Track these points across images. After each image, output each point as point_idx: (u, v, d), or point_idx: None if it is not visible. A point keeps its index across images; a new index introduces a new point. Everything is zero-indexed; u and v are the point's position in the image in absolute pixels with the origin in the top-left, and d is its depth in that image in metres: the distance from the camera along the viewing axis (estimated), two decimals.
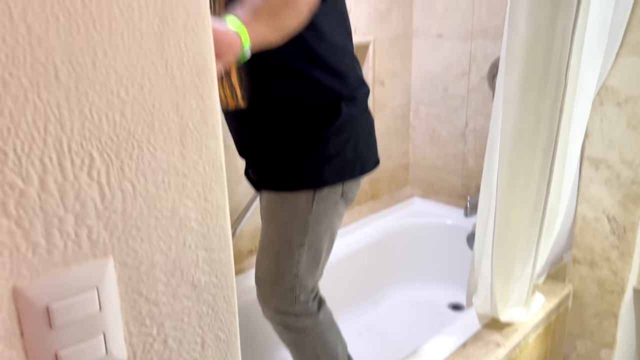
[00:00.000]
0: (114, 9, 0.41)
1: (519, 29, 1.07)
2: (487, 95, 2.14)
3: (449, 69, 2.26)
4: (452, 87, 2.27)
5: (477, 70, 2.16)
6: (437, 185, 2.44)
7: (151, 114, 0.45)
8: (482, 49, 2.12)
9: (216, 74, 1.09)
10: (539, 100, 1.12)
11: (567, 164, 1.31)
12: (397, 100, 2.42)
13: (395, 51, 2.34)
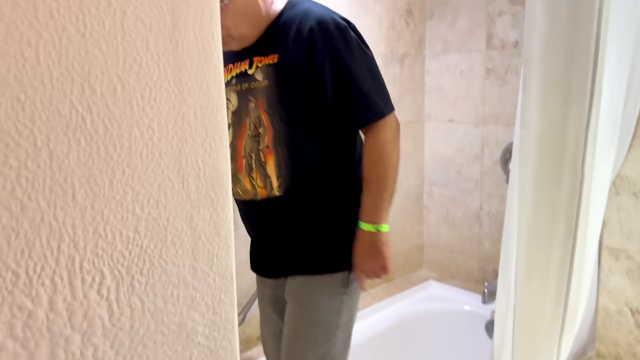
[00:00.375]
0: (134, 131, 0.42)
1: (531, 127, 1.08)
2: (500, 178, 2.15)
3: (461, 152, 2.28)
4: (465, 169, 2.28)
5: (490, 154, 2.17)
6: (453, 268, 2.39)
7: (165, 228, 0.45)
8: (493, 134, 2.15)
9: (244, 168, 1.15)
10: (555, 195, 1.11)
11: (587, 255, 1.28)
12: (411, 182, 2.43)
13: (408, 135, 2.38)
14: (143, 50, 0.43)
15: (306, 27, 1.09)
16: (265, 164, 1.15)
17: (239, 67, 1.17)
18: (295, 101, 1.12)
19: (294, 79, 1.11)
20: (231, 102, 1.17)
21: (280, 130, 1.13)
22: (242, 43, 1.15)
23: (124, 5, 0.41)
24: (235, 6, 1.09)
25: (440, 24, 2.30)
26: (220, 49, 0.48)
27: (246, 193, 1.20)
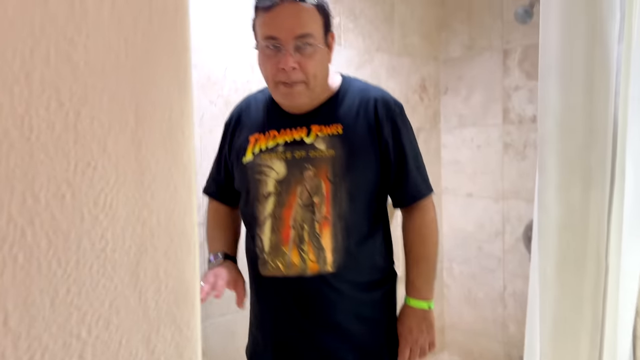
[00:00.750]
0: (83, 243, 0.37)
1: (550, 211, 1.02)
2: (524, 257, 2.04)
3: (481, 227, 2.20)
4: (486, 246, 2.18)
5: (512, 231, 2.08)
6: (477, 352, 2.24)
7: (116, 353, 0.39)
8: (515, 210, 2.07)
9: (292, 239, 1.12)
10: (579, 283, 1.03)
11: (618, 347, 1.16)
12: None
13: None
14: (99, 153, 0.39)
15: (370, 102, 1.13)
16: (320, 235, 1.10)
17: (290, 135, 1.12)
18: (362, 172, 1.12)
19: (362, 151, 1.11)
20: (274, 170, 1.11)
21: (342, 201, 1.10)
22: (309, 98, 1.10)
23: (79, 106, 0.38)
24: (320, 54, 1.07)
25: (455, 98, 2.29)
26: (193, 145, 0.44)
27: (291, 268, 1.10)
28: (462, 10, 2.26)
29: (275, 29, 1.01)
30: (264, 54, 1.06)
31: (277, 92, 1.08)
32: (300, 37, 1.02)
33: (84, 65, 0.38)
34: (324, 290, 1.11)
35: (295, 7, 1.02)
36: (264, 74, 1.09)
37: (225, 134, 1.24)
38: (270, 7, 1.01)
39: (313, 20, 1.04)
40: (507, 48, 2.09)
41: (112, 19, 0.39)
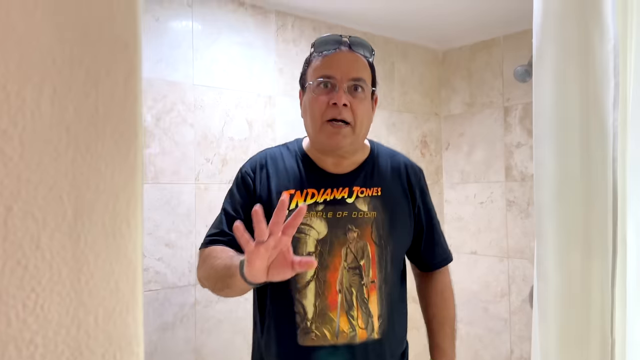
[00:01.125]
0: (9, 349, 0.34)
1: (549, 281, 0.97)
2: (531, 319, 1.96)
3: (487, 287, 2.13)
4: (492, 307, 2.11)
5: (518, 292, 2.01)
6: None
7: None
8: (520, 269, 2.00)
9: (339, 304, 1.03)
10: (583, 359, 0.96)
11: None
12: None
13: None
14: (31, 250, 0.36)
15: (401, 166, 1.18)
16: (368, 300, 1.07)
17: (331, 194, 1.09)
18: (402, 235, 1.14)
19: (400, 214, 1.14)
20: (314, 229, 1.06)
21: (387, 264, 1.10)
22: (352, 144, 1.09)
23: (10, 201, 0.36)
24: (368, 104, 1.10)
25: (457, 154, 2.27)
26: (140, 236, 0.41)
27: (341, 335, 1.05)
28: (462, 68, 2.27)
29: (332, 69, 1.06)
30: (315, 93, 1.07)
31: (322, 132, 1.06)
32: (354, 79, 1.06)
33: (18, 158, 0.36)
34: (371, 359, 1.08)
35: (353, 55, 1.08)
36: (312, 114, 1.07)
37: (244, 184, 1.12)
38: (329, 52, 1.07)
39: (366, 72, 1.09)
40: (508, 105, 2.09)
41: (53, 108, 0.37)
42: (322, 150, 1.11)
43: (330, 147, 1.08)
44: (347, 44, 1.08)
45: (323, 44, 1.09)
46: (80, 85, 0.38)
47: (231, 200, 1.11)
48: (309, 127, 1.09)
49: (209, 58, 1.68)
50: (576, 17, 0.97)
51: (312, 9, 1.86)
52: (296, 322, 1.04)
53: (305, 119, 1.11)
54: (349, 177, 1.12)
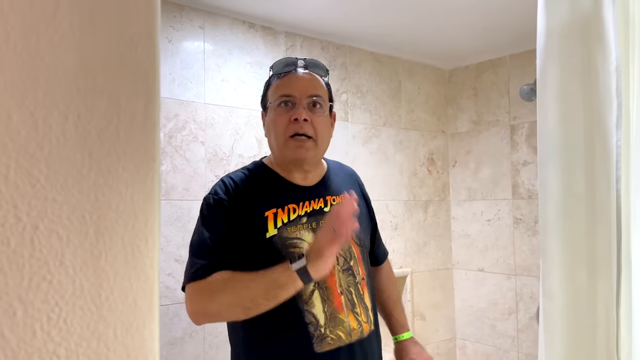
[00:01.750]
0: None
1: (554, 299, 0.98)
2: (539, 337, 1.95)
3: (494, 305, 2.12)
4: (499, 325, 2.10)
5: (526, 309, 2.00)
6: None
7: None
8: (528, 287, 2.00)
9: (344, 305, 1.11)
10: None
11: None
12: (442, 335, 2.25)
13: (435, 283, 2.25)
14: (56, 266, 0.38)
15: (351, 173, 1.31)
16: (363, 296, 1.15)
17: (309, 206, 1.15)
18: (368, 234, 1.25)
19: (364, 215, 1.23)
20: (305, 241, 1.11)
21: (366, 261, 1.20)
22: (315, 157, 1.15)
23: (37, 220, 0.38)
24: (327, 120, 1.16)
25: (464, 172, 2.28)
26: (157, 255, 0.44)
27: (353, 333, 1.10)
28: (469, 87, 2.30)
29: (290, 88, 1.12)
30: (276, 111, 1.12)
31: (287, 146, 1.11)
32: (312, 96, 1.12)
33: (44, 180, 0.38)
34: (373, 348, 1.16)
35: (309, 74, 1.15)
36: (275, 131, 1.12)
37: (221, 210, 1.10)
38: (286, 73, 1.14)
39: (322, 89, 1.16)
40: (514, 124, 2.10)
41: (77, 134, 0.39)
42: (288, 165, 1.15)
43: (296, 160, 1.12)
44: (303, 65, 1.16)
45: (281, 66, 1.16)
46: (102, 112, 0.40)
47: (208, 229, 1.07)
48: (274, 144, 1.14)
49: (220, 78, 1.72)
50: (579, 38, 0.99)
51: (320, 30, 1.90)
52: (309, 332, 1.06)
53: (270, 137, 1.16)
54: (319, 189, 1.17)
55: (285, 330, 1.07)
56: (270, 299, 0.99)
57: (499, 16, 1.82)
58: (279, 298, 0.99)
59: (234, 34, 1.75)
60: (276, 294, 0.98)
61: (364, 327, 1.12)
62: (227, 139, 1.71)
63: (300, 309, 1.06)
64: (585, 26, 1.01)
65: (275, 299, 0.99)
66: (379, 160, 2.10)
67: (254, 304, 1.01)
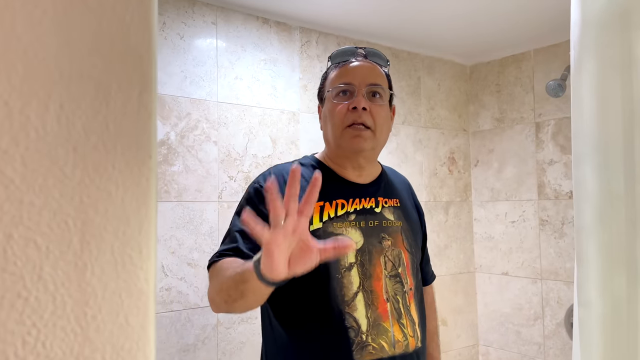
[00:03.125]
0: None
1: (592, 307, 0.91)
2: (566, 344, 1.86)
3: (519, 310, 2.04)
4: (525, 331, 2.01)
5: (552, 315, 1.92)
6: None
7: None
8: (554, 292, 1.91)
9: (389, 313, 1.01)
10: None
11: None
12: (464, 342, 2.17)
13: (457, 287, 2.17)
14: (33, 281, 0.33)
15: (405, 181, 1.25)
16: (409, 308, 1.06)
17: (360, 204, 1.08)
18: (419, 244, 1.18)
19: (416, 224, 1.18)
20: (352, 239, 0.99)
21: (417, 271, 1.13)
22: (373, 149, 1.08)
23: (10, 227, 0.33)
24: (387, 111, 1.10)
25: (487, 171, 2.20)
26: (153, 265, 0.38)
27: (397, 345, 1.01)
28: (491, 83, 2.22)
29: (350, 77, 1.07)
30: (335, 100, 1.07)
31: (344, 137, 1.05)
32: (372, 85, 1.07)
33: (20, 181, 0.33)
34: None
35: (370, 64, 1.10)
36: (332, 121, 1.06)
37: (262, 200, 1.01)
38: (346, 62, 1.10)
39: (382, 79, 1.10)
40: (540, 121, 2.02)
41: (59, 126, 0.34)
42: (343, 159, 1.08)
43: (353, 150, 1.06)
44: (362, 54, 1.11)
45: (340, 55, 1.12)
46: (89, 101, 0.35)
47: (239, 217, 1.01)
48: (330, 134, 1.08)
49: (233, 75, 1.67)
50: (618, 28, 0.92)
51: (336, 25, 1.84)
52: (350, 337, 0.97)
53: (326, 128, 1.10)
54: (372, 188, 1.11)
55: (322, 333, 0.98)
56: (241, 295, 0.84)
57: (523, 10, 1.74)
58: (245, 295, 0.84)
59: (247, 30, 1.70)
60: (243, 290, 0.83)
61: (410, 341, 1.02)
62: (240, 138, 1.66)
63: (341, 310, 0.98)
64: (625, 15, 0.93)
65: (243, 295, 0.84)
66: (398, 159, 2.03)
67: (229, 296, 0.87)
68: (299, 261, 0.74)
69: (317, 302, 0.99)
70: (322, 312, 0.99)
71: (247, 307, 0.90)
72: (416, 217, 1.19)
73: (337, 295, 0.98)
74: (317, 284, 0.99)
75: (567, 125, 1.94)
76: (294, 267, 0.74)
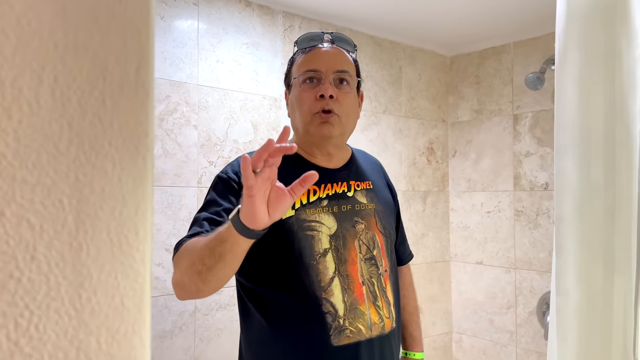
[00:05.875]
0: None
1: (569, 296, 0.93)
2: (537, 332, 1.91)
3: (493, 299, 2.08)
4: (497, 319, 2.06)
5: (525, 304, 1.96)
6: None
7: None
8: (527, 281, 1.96)
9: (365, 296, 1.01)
10: None
11: None
12: (438, 329, 2.20)
13: (433, 275, 2.21)
14: (26, 261, 0.32)
15: (376, 162, 1.25)
16: (385, 289, 1.08)
17: (332, 189, 1.08)
18: (393, 225, 1.18)
19: (389, 205, 1.18)
20: (325, 225, 1.05)
21: (392, 253, 1.14)
22: (341, 134, 1.08)
23: (2, 205, 0.31)
24: (354, 98, 1.10)
25: (464, 162, 2.23)
26: (149, 246, 0.37)
27: (374, 327, 1.03)
28: (470, 75, 2.24)
29: (317, 63, 1.06)
30: (301, 88, 1.07)
31: (312, 123, 1.05)
32: (339, 72, 1.06)
33: (12, 156, 0.31)
34: (393, 347, 1.08)
35: (336, 49, 1.09)
36: (300, 109, 1.06)
37: (229, 190, 1.04)
38: (312, 47, 1.09)
39: (349, 65, 1.09)
40: (517, 114, 2.05)
41: (53, 100, 0.32)
42: (312, 146, 1.09)
43: (322, 137, 1.06)
44: (329, 40, 1.10)
45: (306, 40, 1.11)
46: (85, 75, 0.34)
47: (205, 206, 1.03)
48: (298, 121, 1.08)
49: (214, 58, 1.64)
50: (602, 21, 0.93)
51: (319, 10, 1.82)
52: (327, 322, 0.99)
53: (293, 115, 1.10)
54: (343, 172, 1.12)
55: (300, 319, 1.00)
56: (217, 258, 0.86)
57: (504, 2, 1.75)
58: (223, 256, 0.86)
59: (229, 12, 1.67)
60: (220, 251, 0.86)
61: (386, 323, 1.05)
62: (221, 123, 1.64)
63: (318, 296, 0.99)
64: (610, 8, 0.95)
65: (220, 257, 0.86)
66: (378, 149, 2.04)
67: (203, 265, 0.88)
68: (277, 206, 0.82)
69: (294, 289, 1.00)
70: (300, 299, 1.00)
71: (222, 275, 0.89)
72: (389, 197, 1.20)
73: (313, 282, 1.00)
74: (294, 271, 1.00)
75: (545, 118, 1.97)
76: (273, 212, 0.82)
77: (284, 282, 1.01)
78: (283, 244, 1.00)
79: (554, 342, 1.00)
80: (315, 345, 0.99)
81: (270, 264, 1.01)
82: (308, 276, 1.00)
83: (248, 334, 1.07)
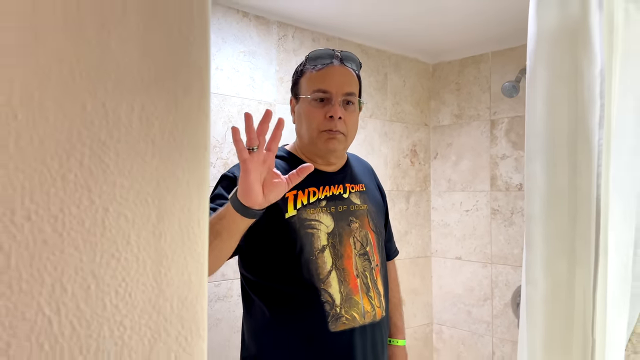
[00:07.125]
0: (103, 330, 0.40)
1: (537, 285, 1.05)
2: (512, 322, 2.05)
3: (471, 291, 2.21)
4: (475, 310, 2.19)
5: (501, 296, 2.10)
6: None
7: None
8: (503, 275, 2.09)
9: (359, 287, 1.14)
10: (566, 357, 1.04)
11: None
12: (419, 320, 2.33)
13: (415, 270, 2.33)
14: (123, 245, 0.42)
15: (368, 167, 1.36)
16: (376, 281, 1.19)
17: (329, 190, 1.20)
18: (383, 224, 1.29)
19: (379, 206, 1.29)
20: (323, 224, 1.16)
21: (382, 249, 1.25)
22: (343, 149, 1.20)
23: (107, 203, 0.41)
24: (357, 115, 1.20)
25: (445, 163, 2.36)
26: (206, 235, 0.48)
27: (367, 315, 1.16)
28: (451, 82, 2.36)
29: (327, 84, 1.14)
30: (311, 105, 1.15)
31: (320, 138, 1.15)
32: (347, 94, 1.15)
33: (113, 166, 0.41)
34: (383, 333, 1.21)
35: (345, 69, 1.17)
36: (308, 124, 1.15)
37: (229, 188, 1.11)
38: (322, 67, 1.16)
39: (355, 86, 1.19)
40: (494, 119, 2.18)
41: (141, 124, 0.43)
42: (316, 153, 1.19)
43: (327, 151, 1.18)
44: (339, 58, 1.17)
45: (317, 57, 1.18)
46: (163, 104, 0.44)
47: (219, 199, 1.09)
48: (305, 133, 1.17)
49: (214, 66, 1.73)
50: (567, 44, 1.06)
51: (312, 21, 1.93)
52: (325, 310, 1.11)
53: (300, 125, 1.19)
54: (339, 175, 1.23)
55: (301, 308, 1.12)
56: (214, 234, 0.92)
57: (483, 14, 1.88)
58: (220, 233, 0.93)
59: (227, 22, 1.77)
60: (218, 228, 0.93)
61: (377, 312, 1.17)
62: (220, 126, 1.74)
63: (317, 287, 1.11)
64: (573, 32, 1.07)
65: (218, 234, 0.93)
66: (365, 151, 2.16)
67: None
68: (272, 188, 0.91)
69: (295, 281, 1.12)
70: (301, 290, 1.11)
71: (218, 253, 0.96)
72: (379, 198, 1.31)
73: (313, 275, 1.11)
74: (296, 265, 1.12)
75: (519, 124, 2.11)
76: (268, 193, 0.90)
77: (286, 275, 1.12)
78: (286, 241, 1.12)
79: (524, 325, 1.12)
80: (314, 330, 1.11)
81: (274, 259, 1.13)
82: (308, 269, 1.11)
83: (251, 323, 1.17)
